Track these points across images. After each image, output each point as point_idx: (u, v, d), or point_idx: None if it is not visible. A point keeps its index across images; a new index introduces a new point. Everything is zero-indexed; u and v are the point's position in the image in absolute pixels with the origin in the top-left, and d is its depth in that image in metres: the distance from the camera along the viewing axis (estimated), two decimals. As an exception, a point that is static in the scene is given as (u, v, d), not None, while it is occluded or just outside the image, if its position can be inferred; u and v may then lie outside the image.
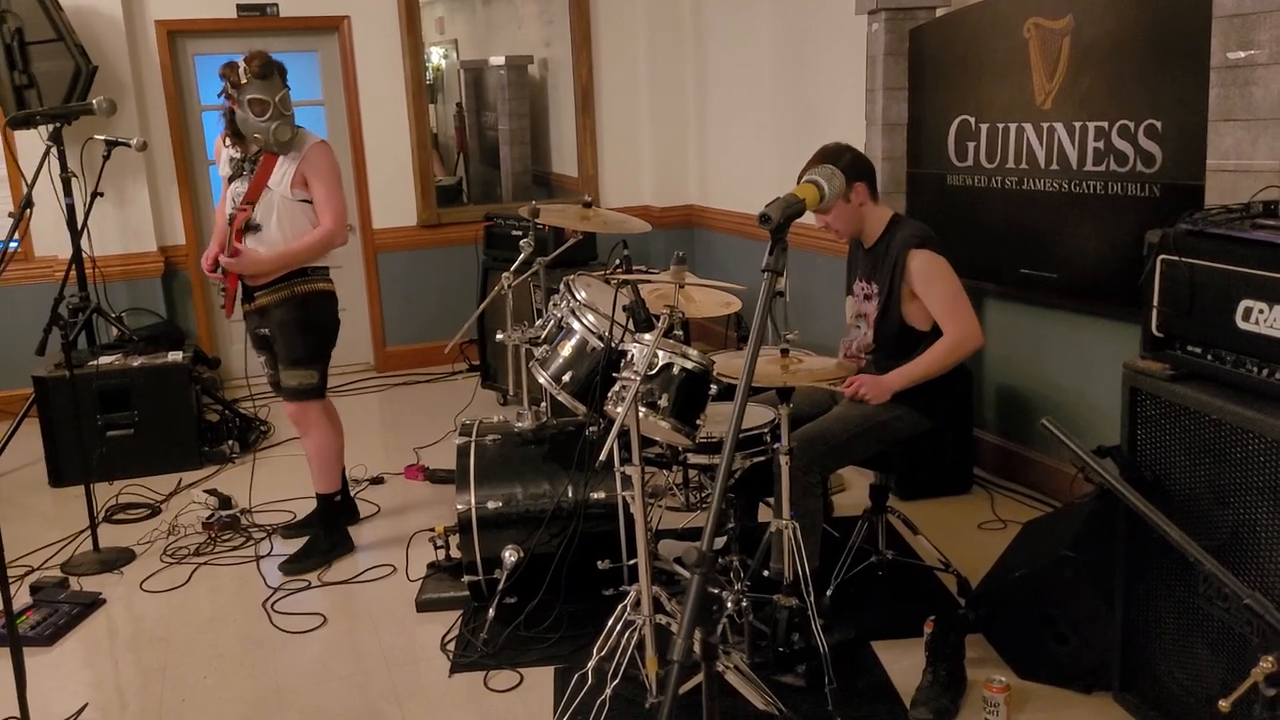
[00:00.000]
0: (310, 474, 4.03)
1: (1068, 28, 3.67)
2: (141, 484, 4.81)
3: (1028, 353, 4.32)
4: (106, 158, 4.62)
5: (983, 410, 4.54)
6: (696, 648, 1.49)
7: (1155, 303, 2.50)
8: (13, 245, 3.73)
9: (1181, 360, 2.46)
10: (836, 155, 3.24)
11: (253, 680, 3.22)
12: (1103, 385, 3.87)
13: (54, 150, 4.78)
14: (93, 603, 3.71)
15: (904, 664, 3.04)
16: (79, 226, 4.86)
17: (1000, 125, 4.02)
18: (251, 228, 3.71)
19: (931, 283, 3.21)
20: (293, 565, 3.89)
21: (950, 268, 3.26)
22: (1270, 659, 1.50)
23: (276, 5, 6.26)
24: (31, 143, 5.42)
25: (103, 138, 4.57)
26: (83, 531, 4.14)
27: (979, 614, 3.04)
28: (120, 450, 4.92)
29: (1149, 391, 2.54)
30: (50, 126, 4.67)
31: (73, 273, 5.17)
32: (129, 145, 4.40)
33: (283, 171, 3.72)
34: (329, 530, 4.02)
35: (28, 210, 3.83)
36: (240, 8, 6.22)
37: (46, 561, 4.06)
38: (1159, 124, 3.38)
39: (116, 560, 4.04)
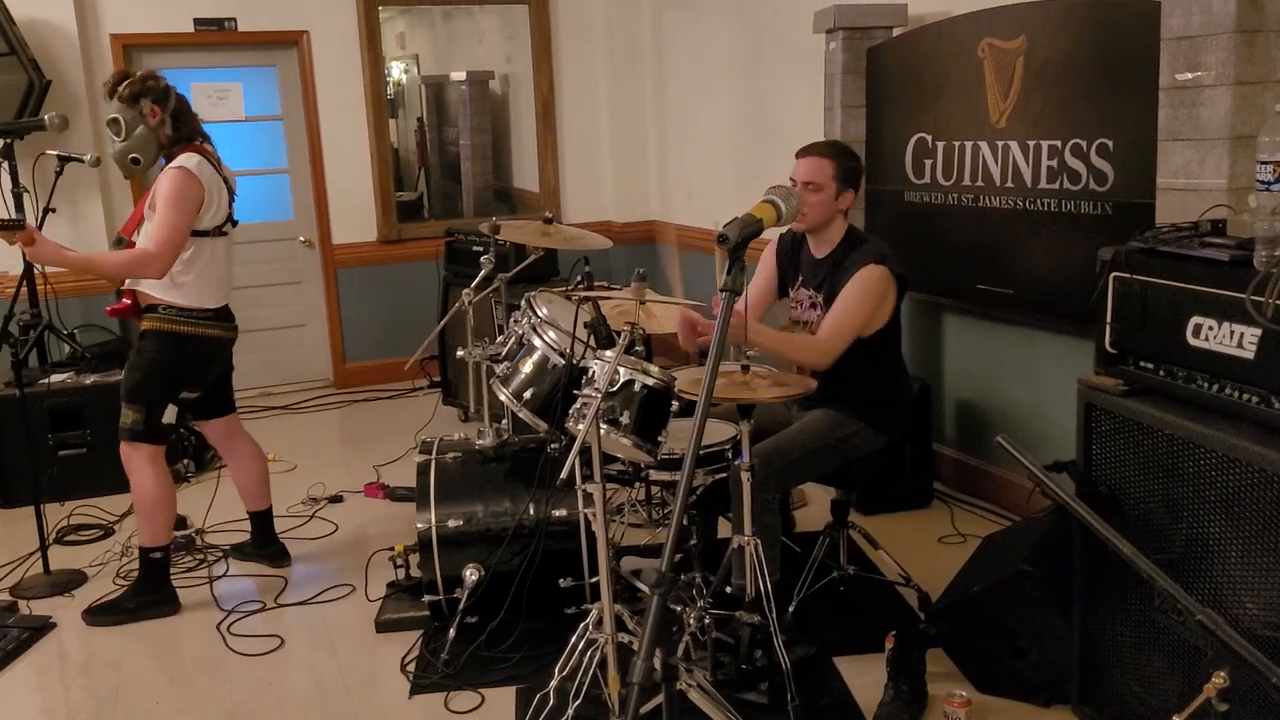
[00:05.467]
0: None
1: (1021, 48, 3.73)
2: (94, 504, 4.73)
3: (985, 368, 4.36)
4: (59, 173, 4.56)
5: (942, 425, 4.58)
6: (657, 668, 1.49)
7: (1108, 319, 2.54)
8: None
9: (1135, 376, 2.50)
10: (849, 155, 3.31)
11: (208, 704, 3.16)
12: (1058, 400, 3.92)
13: (5, 165, 4.71)
14: (43, 627, 3.63)
15: (866, 679, 3.05)
16: (22, 251, 4.77)
17: (956, 143, 4.07)
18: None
19: (855, 293, 3.15)
20: (92, 616, 3.66)
21: (880, 290, 3.18)
22: (1222, 675, 1.52)
23: (235, 20, 6.22)
24: (-18, 158, 5.34)
25: (55, 153, 4.51)
26: (33, 554, 4.06)
27: (939, 628, 3.06)
28: (72, 470, 4.83)
29: (1103, 407, 2.57)
30: (1, 141, 4.61)
31: (24, 289, 5.10)
32: (82, 161, 4.35)
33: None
34: (138, 589, 3.70)
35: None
36: (198, 22, 6.16)
37: (-5, 585, 3.99)
38: (1111, 143, 3.44)
39: (68, 583, 3.96)
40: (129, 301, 3.63)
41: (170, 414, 3.64)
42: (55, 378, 4.99)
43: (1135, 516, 2.48)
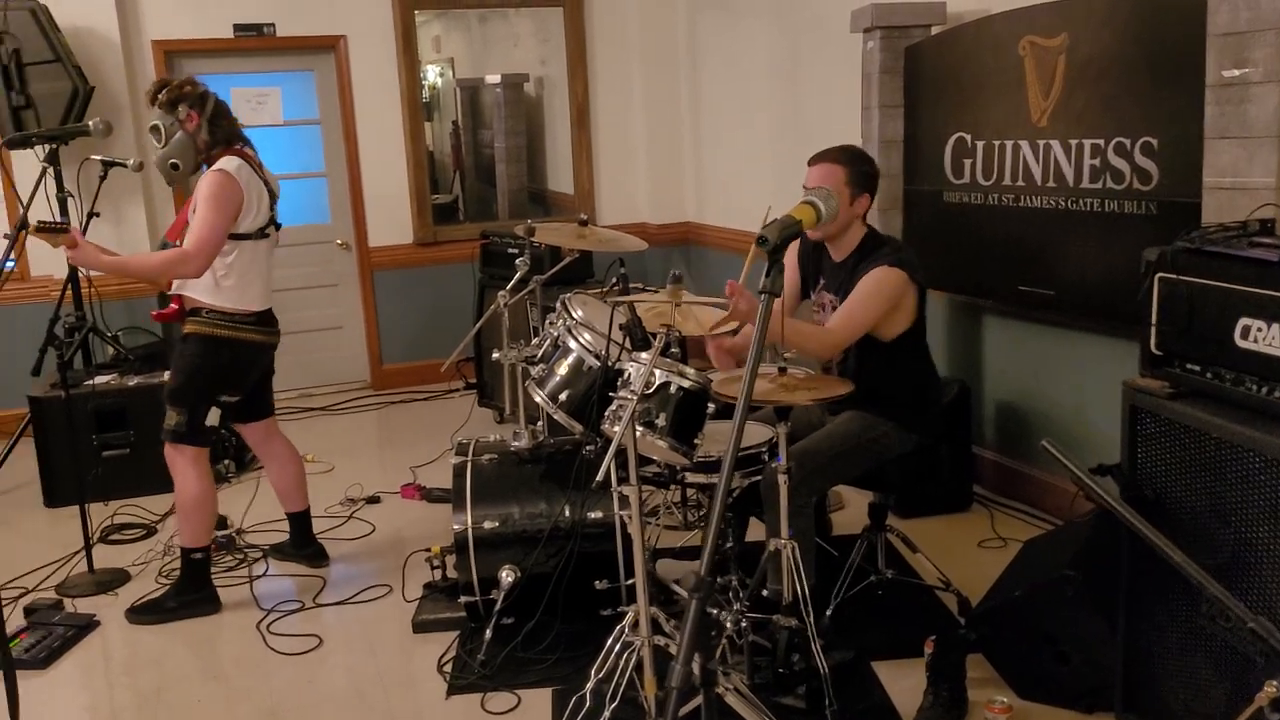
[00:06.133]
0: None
1: (1062, 46, 3.68)
2: (137, 504, 4.78)
3: (1026, 370, 4.31)
4: (103, 178, 4.61)
5: (981, 427, 4.53)
6: (695, 673, 1.48)
7: (1153, 321, 2.49)
8: (9, 266, 3.71)
9: (1181, 378, 2.46)
10: (861, 160, 3.24)
11: (248, 702, 3.19)
12: (1101, 402, 3.87)
13: (50, 171, 4.78)
14: (87, 625, 3.68)
15: (905, 684, 3.02)
16: (65, 254, 4.83)
17: (996, 142, 4.02)
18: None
19: (868, 290, 3.10)
20: (135, 615, 3.72)
21: (894, 294, 3.12)
22: (1275, 684, 1.49)
23: (273, 25, 6.28)
24: (28, 163, 5.42)
25: (99, 158, 4.57)
26: (77, 552, 4.12)
27: (980, 633, 3.03)
28: (115, 470, 4.89)
29: (1149, 410, 2.53)
30: (47, 147, 4.68)
31: (68, 292, 5.18)
32: (125, 165, 4.40)
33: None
34: (180, 589, 3.74)
35: (23, 231, 3.82)
36: (237, 28, 6.23)
37: (41, 583, 4.04)
38: (1155, 141, 3.39)
39: (111, 581, 4.01)
40: (176, 307, 3.68)
41: (213, 416, 3.67)
42: (99, 379, 5.06)
43: (1181, 521, 2.44)
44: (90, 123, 4.36)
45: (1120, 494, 2.57)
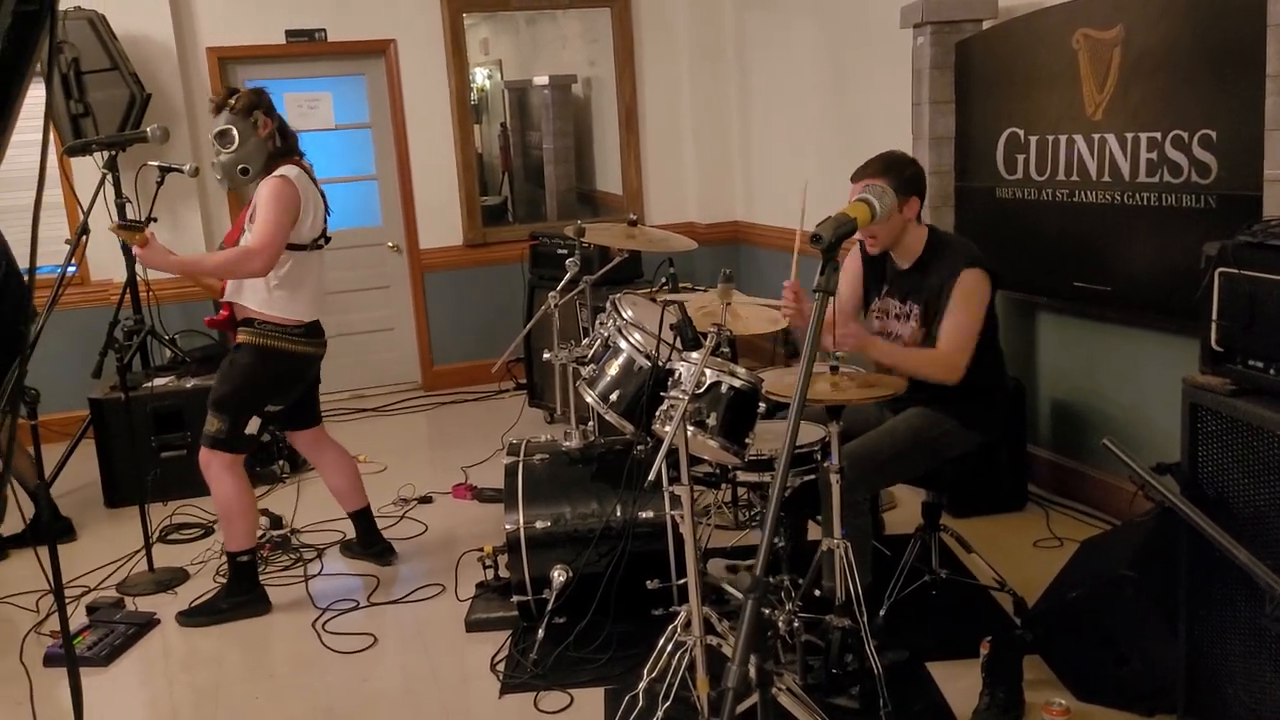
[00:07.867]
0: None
1: (1118, 38, 3.62)
2: (195, 504, 4.86)
3: (1082, 367, 4.25)
4: (160, 183, 4.70)
5: (1037, 426, 4.47)
6: (752, 673, 1.47)
7: (1214, 316, 2.44)
8: (70, 270, 3.79)
9: (1243, 375, 2.40)
10: (901, 165, 3.21)
11: (304, 700, 3.24)
12: (1160, 400, 3.80)
13: (109, 177, 4.88)
14: (148, 623, 3.76)
15: (960, 685, 2.99)
16: (134, 251, 4.93)
17: (1050, 137, 3.97)
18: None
19: (964, 303, 3.12)
20: (187, 618, 3.76)
21: (987, 295, 3.17)
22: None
23: (324, 31, 6.36)
24: (87, 170, 5.54)
25: (156, 164, 4.65)
26: (138, 552, 4.20)
27: (1036, 634, 2.99)
28: (174, 471, 4.97)
29: (1210, 407, 2.48)
30: (106, 154, 4.77)
31: (127, 296, 5.29)
32: (182, 171, 4.47)
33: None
34: (230, 591, 3.79)
35: (84, 236, 3.90)
36: (289, 33, 6.32)
37: (103, 582, 4.12)
38: (1214, 134, 3.32)
39: (171, 580, 4.09)
40: (226, 313, 3.74)
41: (253, 425, 3.72)
42: (158, 382, 5.15)
43: (1244, 520, 2.39)
44: (148, 129, 4.43)
45: (1180, 493, 2.52)
